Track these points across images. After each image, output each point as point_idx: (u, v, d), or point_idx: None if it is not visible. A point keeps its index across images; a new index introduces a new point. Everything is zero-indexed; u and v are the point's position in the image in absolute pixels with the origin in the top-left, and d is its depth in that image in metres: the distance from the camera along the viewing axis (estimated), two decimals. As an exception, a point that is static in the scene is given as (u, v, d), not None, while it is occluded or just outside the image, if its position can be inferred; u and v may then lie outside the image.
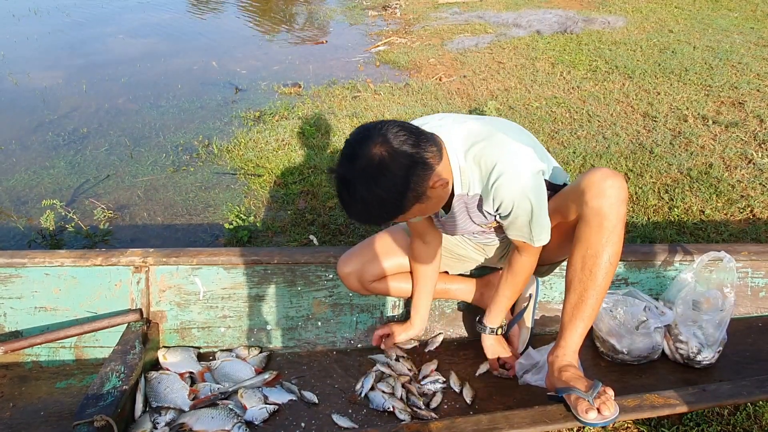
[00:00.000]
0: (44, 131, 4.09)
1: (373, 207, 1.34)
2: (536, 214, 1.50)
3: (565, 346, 1.55)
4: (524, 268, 1.70)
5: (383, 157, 1.30)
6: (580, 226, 1.50)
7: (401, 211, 1.37)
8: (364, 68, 5.30)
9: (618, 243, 1.48)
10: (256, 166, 3.45)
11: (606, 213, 1.44)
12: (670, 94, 4.15)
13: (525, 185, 1.46)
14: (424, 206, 1.42)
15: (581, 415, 1.38)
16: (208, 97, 4.71)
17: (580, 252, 1.50)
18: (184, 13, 7.73)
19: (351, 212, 1.38)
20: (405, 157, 1.32)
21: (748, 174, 3.06)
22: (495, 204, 1.51)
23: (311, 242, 2.72)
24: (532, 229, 1.54)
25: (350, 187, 1.33)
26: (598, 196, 1.45)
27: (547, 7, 6.91)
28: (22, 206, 3.17)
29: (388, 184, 1.31)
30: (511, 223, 1.55)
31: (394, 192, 1.32)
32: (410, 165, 1.33)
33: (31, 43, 6.37)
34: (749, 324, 2.04)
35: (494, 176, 1.46)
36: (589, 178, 1.48)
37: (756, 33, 5.47)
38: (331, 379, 1.90)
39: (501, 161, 1.45)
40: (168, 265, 2.04)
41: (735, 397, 1.51)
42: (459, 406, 1.76)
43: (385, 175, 1.31)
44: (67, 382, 1.92)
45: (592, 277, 1.49)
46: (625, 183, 1.48)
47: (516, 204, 1.48)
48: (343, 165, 1.35)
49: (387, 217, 1.40)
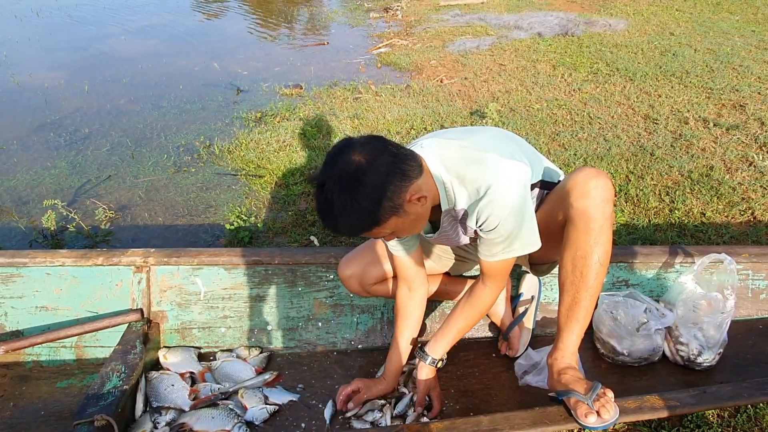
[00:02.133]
0: (46, 131, 4.10)
1: (348, 214, 1.30)
2: (517, 232, 1.47)
3: (563, 348, 1.56)
4: (484, 300, 1.63)
5: (361, 164, 1.29)
6: (568, 228, 1.50)
7: (376, 222, 1.33)
8: (366, 70, 5.31)
9: (606, 243, 1.47)
10: (257, 167, 3.45)
11: (591, 214, 1.44)
12: (671, 97, 4.15)
13: (512, 204, 1.43)
14: (401, 221, 1.37)
15: (581, 419, 1.38)
16: (209, 98, 4.72)
17: (569, 254, 1.50)
18: (186, 14, 7.75)
19: (326, 219, 1.34)
20: (383, 165, 1.31)
21: (749, 176, 3.06)
22: (480, 221, 1.47)
23: (312, 243, 2.72)
24: (510, 243, 1.48)
25: (327, 192, 1.30)
26: (582, 197, 1.45)
27: (548, 9, 6.92)
28: (24, 206, 3.17)
29: (365, 190, 1.29)
30: (490, 240, 1.50)
31: (369, 199, 1.29)
32: (388, 173, 1.31)
33: (33, 43, 6.39)
34: (750, 326, 2.04)
35: (481, 195, 1.43)
36: (573, 179, 1.48)
37: (757, 36, 5.47)
38: (331, 380, 1.90)
39: (486, 181, 1.42)
40: (169, 266, 2.04)
41: (735, 399, 1.51)
42: (459, 408, 1.76)
43: (362, 182, 1.29)
44: (68, 381, 1.93)
45: (583, 279, 1.48)
46: (609, 181, 1.47)
47: (501, 222, 1.44)
48: (321, 171, 1.33)
49: (362, 227, 1.35)
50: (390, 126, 3.89)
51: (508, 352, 1.96)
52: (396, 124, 3.92)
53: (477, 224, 1.48)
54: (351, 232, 1.38)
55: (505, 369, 1.91)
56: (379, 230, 1.37)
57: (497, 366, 1.94)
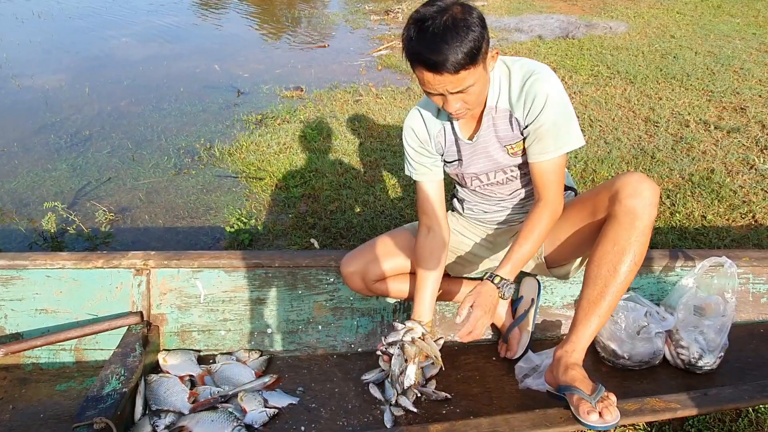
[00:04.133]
0: (46, 133, 4.10)
1: (462, 40, 1.35)
2: (566, 114, 1.56)
3: (576, 342, 1.53)
4: (544, 220, 1.62)
5: (463, 7, 1.41)
6: (609, 224, 1.51)
7: (480, 50, 1.39)
8: (366, 72, 5.31)
9: (645, 245, 1.49)
10: (258, 169, 3.45)
11: (639, 213, 1.46)
12: (672, 99, 4.15)
13: (558, 85, 1.54)
14: (480, 74, 1.44)
15: (582, 416, 1.37)
16: (210, 100, 4.72)
17: (605, 248, 1.50)
18: (187, 16, 7.76)
19: (434, 46, 1.36)
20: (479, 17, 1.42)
21: (749, 179, 3.05)
22: (527, 103, 1.55)
23: (312, 246, 2.72)
24: (559, 134, 1.56)
25: (437, 22, 1.36)
26: (633, 195, 1.47)
27: (548, 12, 6.92)
28: (24, 208, 3.17)
29: (474, 21, 1.38)
30: (540, 128, 1.56)
31: (478, 30, 1.37)
32: (483, 24, 1.41)
33: (34, 46, 6.40)
34: (750, 330, 2.03)
35: (528, 74, 1.54)
36: (625, 179, 1.51)
37: (758, 39, 5.47)
38: (331, 383, 1.90)
39: (532, 67, 1.56)
40: (169, 268, 2.04)
41: (737, 401, 1.51)
42: (459, 411, 1.76)
43: (469, 15, 1.39)
44: (67, 384, 1.92)
45: (615, 274, 1.48)
46: (659, 189, 1.52)
47: (549, 99, 1.52)
48: (422, 9, 1.41)
49: (471, 55, 1.37)
50: (390, 129, 3.89)
51: (507, 354, 1.95)
52: (397, 126, 3.92)
53: (525, 110, 1.56)
54: (457, 60, 1.37)
55: (506, 372, 1.91)
56: (471, 71, 1.41)
57: (498, 369, 1.94)
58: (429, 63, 1.38)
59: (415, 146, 1.75)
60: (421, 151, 1.76)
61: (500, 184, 1.78)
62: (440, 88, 1.44)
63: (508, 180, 1.76)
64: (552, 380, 1.56)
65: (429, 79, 1.43)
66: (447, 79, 1.40)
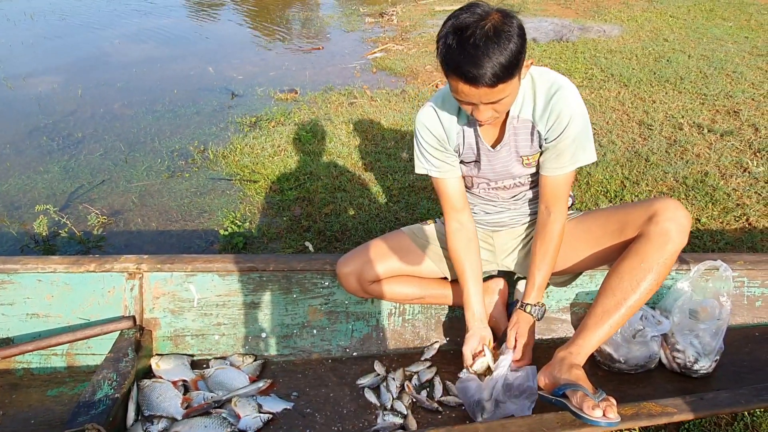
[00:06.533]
0: (39, 136, 4.07)
1: (501, 53, 1.34)
2: (586, 132, 1.60)
3: (582, 345, 1.54)
4: (557, 230, 1.69)
5: (502, 14, 1.41)
6: (640, 242, 1.54)
7: (518, 65, 1.38)
8: (361, 75, 5.31)
9: (668, 269, 1.53)
10: (252, 172, 3.44)
11: (673, 236, 1.51)
12: (666, 103, 4.17)
13: (581, 103, 1.58)
14: (515, 86, 1.44)
15: (587, 412, 1.36)
16: (204, 102, 4.70)
17: (632, 263, 1.53)
18: (181, 18, 7.73)
19: (471, 59, 1.34)
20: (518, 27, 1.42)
21: (743, 182, 3.07)
22: (551, 119, 1.57)
23: (307, 249, 2.71)
24: (576, 151, 1.60)
25: (485, 21, 1.36)
26: (670, 219, 1.52)
27: (543, 15, 6.94)
28: (15, 211, 3.15)
29: (513, 33, 1.38)
30: (560, 144, 1.59)
31: (516, 43, 1.37)
32: (521, 34, 1.42)
33: (26, 47, 6.36)
34: (746, 333, 2.04)
35: (555, 90, 1.56)
36: (664, 203, 1.56)
37: (750, 42, 5.50)
38: (326, 387, 1.89)
39: (557, 81, 1.59)
40: (162, 272, 2.02)
41: (733, 405, 1.50)
42: (455, 416, 1.75)
43: (509, 26, 1.38)
44: (59, 389, 1.90)
45: (636, 288, 1.51)
46: (691, 219, 1.57)
47: (573, 118, 1.55)
48: (460, 17, 1.39)
49: (508, 68, 1.36)
50: (385, 131, 3.88)
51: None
52: (391, 129, 3.91)
53: (548, 125, 1.58)
54: (496, 74, 1.36)
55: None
56: (508, 83, 1.40)
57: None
58: (468, 76, 1.37)
59: (435, 145, 1.74)
60: (441, 149, 1.75)
61: (506, 189, 1.80)
62: (474, 98, 1.43)
63: (514, 186, 1.78)
64: (549, 382, 1.55)
65: (464, 90, 1.41)
66: (483, 91, 1.39)
